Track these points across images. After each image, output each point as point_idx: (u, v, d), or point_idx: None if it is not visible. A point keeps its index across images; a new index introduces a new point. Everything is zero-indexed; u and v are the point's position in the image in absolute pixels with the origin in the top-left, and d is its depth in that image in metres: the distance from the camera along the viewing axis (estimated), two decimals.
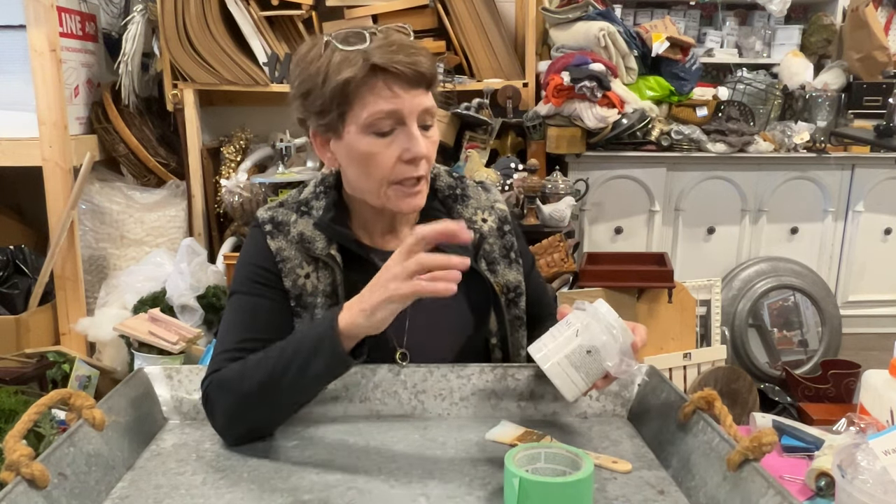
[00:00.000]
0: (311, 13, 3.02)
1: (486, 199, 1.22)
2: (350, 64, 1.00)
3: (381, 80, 1.01)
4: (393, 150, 1.04)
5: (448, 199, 1.20)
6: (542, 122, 2.96)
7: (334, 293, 1.11)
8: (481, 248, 1.18)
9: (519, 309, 1.19)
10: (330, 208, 1.13)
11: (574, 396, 0.97)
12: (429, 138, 1.07)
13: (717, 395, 0.90)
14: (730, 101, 3.29)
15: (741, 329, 3.06)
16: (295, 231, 1.12)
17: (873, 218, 3.28)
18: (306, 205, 1.15)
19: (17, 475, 0.73)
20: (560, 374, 0.95)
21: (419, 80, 1.02)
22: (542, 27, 3.25)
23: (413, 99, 1.02)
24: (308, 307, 1.11)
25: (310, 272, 1.11)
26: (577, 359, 0.95)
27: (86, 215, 2.93)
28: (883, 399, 1.18)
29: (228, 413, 0.98)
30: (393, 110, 1.02)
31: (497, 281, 1.17)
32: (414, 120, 1.04)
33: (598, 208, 3.11)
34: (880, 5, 3.75)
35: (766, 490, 0.74)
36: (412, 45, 1.04)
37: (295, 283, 1.10)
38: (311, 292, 1.11)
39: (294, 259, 1.11)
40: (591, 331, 0.95)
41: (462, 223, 0.91)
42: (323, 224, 1.12)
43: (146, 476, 0.89)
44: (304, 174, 2.92)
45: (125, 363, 2.60)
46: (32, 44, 2.53)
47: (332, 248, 1.11)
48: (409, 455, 0.94)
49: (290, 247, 1.11)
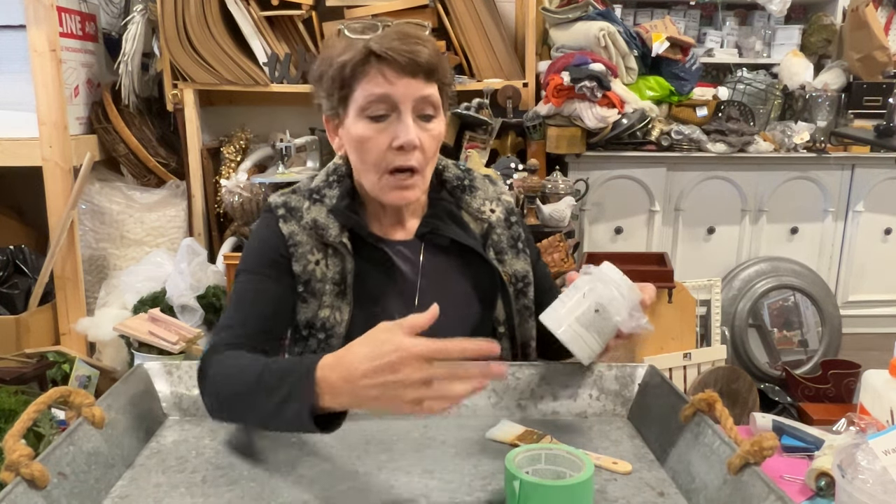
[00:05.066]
0: (311, 13, 3.02)
1: (493, 191, 1.25)
2: (351, 49, 1.06)
3: (375, 66, 1.05)
4: (385, 136, 1.07)
5: (456, 189, 1.23)
6: (542, 122, 2.96)
7: (343, 281, 1.13)
8: (489, 238, 1.20)
9: (528, 299, 1.21)
10: (344, 196, 1.16)
11: (589, 359, 1.00)
12: (427, 130, 1.09)
13: (718, 397, 0.90)
14: (730, 101, 3.29)
15: (741, 329, 3.06)
16: (308, 217, 1.14)
17: (873, 218, 3.28)
18: (318, 192, 1.17)
19: (16, 475, 0.73)
20: (573, 336, 0.97)
21: (414, 68, 1.04)
22: (542, 27, 3.25)
23: (407, 86, 1.05)
24: (316, 294, 1.13)
25: (320, 259, 1.13)
26: (587, 319, 0.97)
27: (86, 215, 2.93)
28: (883, 399, 1.18)
29: (209, 405, 0.97)
30: (384, 94, 1.05)
31: (505, 271, 1.19)
32: (408, 108, 1.06)
33: (598, 208, 3.11)
34: (880, 5, 3.75)
35: (766, 494, 0.74)
36: (417, 37, 1.06)
37: (305, 268, 1.12)
38: (319, 279, 1.13)
39: (305, 244, 1.13)
40: (598, 290, 0.97)
41: (504, 367, 0.81)
42: (338, 211, 1.14)
43: (146, 474, 0.89)
44: (304, 174, 2.91)
45: (125, 363, 2.60)
46: (32, 44, 2.53)
47: (345, 236, 1.13)
48: (409, 454, 0.94)
49: (303, 232, 1.13)
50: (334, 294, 1.13)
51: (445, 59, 1.11)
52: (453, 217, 1.20)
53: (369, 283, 1.15)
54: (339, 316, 1.13)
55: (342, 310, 1.13)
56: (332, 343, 1.13)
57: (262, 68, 2.97)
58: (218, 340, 1.04)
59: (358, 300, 1.14)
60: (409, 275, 1.17)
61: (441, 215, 1.19)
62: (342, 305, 1.13)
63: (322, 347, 1.13)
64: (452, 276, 1.19)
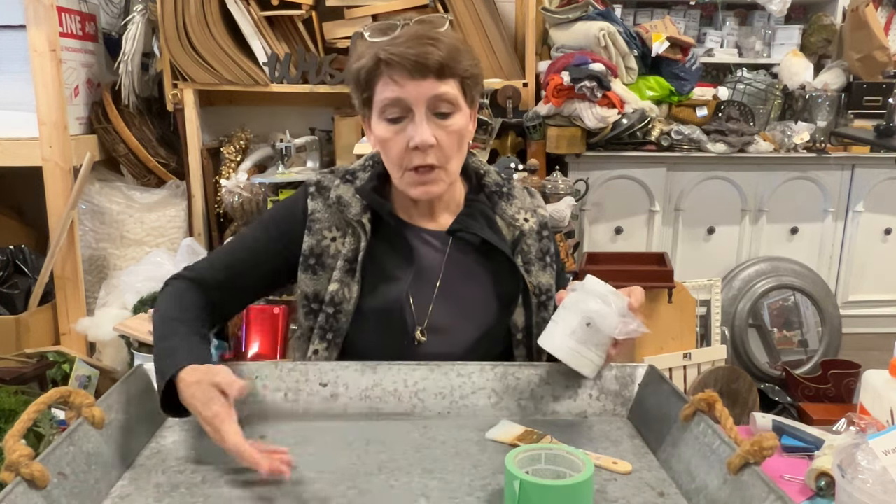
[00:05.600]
0: (311, 13, 3.02)
1: (530, 202, 1.28)
2: (365, 55, 1.09)
3: (385, 71, 1.08)
4: (402, 137, 1.10)
5: (493, 195, 1.25)
6: (542, 122, 2.96)
7: (355, 259, 1.16)
8: (519, 245, 1.22)
9: (548, 312, 1.22)
10: (374, 178, 1.20)
11: (593, 372, 1.01)
12: (444, 127, 1.10)
13: (718, 397, 0.90)
14: (730, 101, 3.29)
15: (741, 329, 3.06)
16: (334, 194, 1.19)
17: (873, 218, 3.28)
18: (352, 174, 1.22)
19: (16, 475, 0.72)
20: (572, 354, 0.99)
21: (423, 70, 1.06)
22: (542, 27, 3.25)
23: (417, 88, 1.07)
24: (326, 268, 1.17)
25: (337, 236, 1.18)
26: (581, 334, 0.99)
27: (86, 215, 2.93)
28: (883, 399, 1.18)
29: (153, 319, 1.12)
30: (396, 98, 1.08)
31: (530, 281, 1.21)
32: (421, 108, 1.08)
33: (598, 208, 3.11)
34: (880, 5, 3.75)
35: (766, 494, 0.74)
36: (428, 37, 1.08)
37: (319, 242, 1.17)
38: (332, 255, 1.17)
39: (324, 221, 1.18)
40: (586, 304, 0.99)
41: (287, 469, 0.87)
42: (364, 191, 1.18)
43: (146, 474, 0.89)
44: (305, 174, 2.91)
45: (125, 363, 2.60)
46: (32, 44, 2.52)
47: (365, 217, 1.17)
48: (408, 454, 0.94)
49: (325, 209, 1.18)
50: (344, 270, 1.16)
51: (465, 52, 1.11)
52: (487, 219, 1.22)
53: (385, 263, 1.18)
54: (347, 293, 1.16)
55: (351, 287, 1.16)
56: (339, 320, 1.16)
57: (262, 68, 2.97)
58: (185, 270, 1.18)
59: (369, 278, 1.17)
60: (433, 262, 1.19)
61: (475, 215, 1.21)
62: (351, 282, 1.16)
63: (331, 324, 1.16)
64: (477, 273, 1.20)
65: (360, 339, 1.17)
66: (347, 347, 1.18)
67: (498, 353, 1.19)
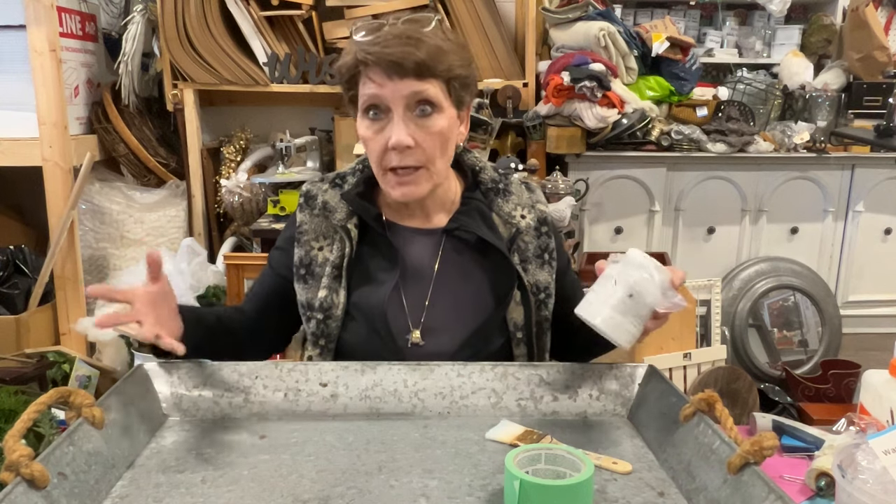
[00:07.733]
0: (311, 13, 3.02)
1: (527, 198, 1.25)
2: (349, 54, 1.10)
3: (363, 71, 1.08)
4: (382, 136, 1.09)
5: (490, 191, 1.24)
6: (542, 122, 2.96)
7: (342, 264, 1.17)
8: (515, 243, 1.21)
9: (547, 310, 1.21)
10: (360, 183, 1.20)
11: (629, 343, 1.01)
12: (425, 128, 1.09)
13: (718, 397, 0.90)
14: (730, 101, 3.29)
15: (741, 329, 3.06)
16: (321, 200, 1.20)
17: (873, 218, 3.28)
18: (342, 178, 1.23)
19: (16, 475, 0.72)
20: (611, 324, 0.99)
21: (400, 70, 1.05)
22: (542, 27, 3.25)
23: (395, 88, 1.06)
24: (315, 276, 1.18)
25: (324, 245, 1.19)
26: (623, 306, 0.98)
27: (86, 215, 2.93)
28: (883, 399, 1.18)
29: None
30: (374, 95, 1.08)
31: (528, 279, 1.20)
32: (399, 108, 1.07)
33: (598, 208, 3.11)
34: (880, 5, 3.75)
35: (766, 494, 0.74)
36: (409, 37, 1.06)
37: (307, 253, 1.19)
38: (320, 263, 1.18)
39: (311, 232, 1.19)
40: (628, 275, 0.99)
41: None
42: (349, 196, 1.19)
43: (146, 474, 0.89)
44: (304, 174, 2.91)
45: (125, 363, 2.60)
46: (32, 44, 2.52)
47: (351, 222, 1.18)
48: (408, 454, 0.94)
49: (311, 220, 1.20)
50: (332, 276, 1.17)
51: (451, 52, 1.09)
52: (483, 216, 1.21)
53: (371, 267, 1.18)
54: (335, 298, 1.17)
55: (338, 292, 1.17)
56: (329, 325, 1.17)
57: (262, 68, 2.97)
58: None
59: (355, 283, 1.18)
60: (424, 262, 1.19)
61: (471, 213, 1.21)
62: (338, 288, 1.17)
63: (322, 329, 1.17)
64: (471, 270, 1.20)
65: (352, 343, 1.18)
66: (341, 352, 1.19)
67: (494, 350, 1.18)
